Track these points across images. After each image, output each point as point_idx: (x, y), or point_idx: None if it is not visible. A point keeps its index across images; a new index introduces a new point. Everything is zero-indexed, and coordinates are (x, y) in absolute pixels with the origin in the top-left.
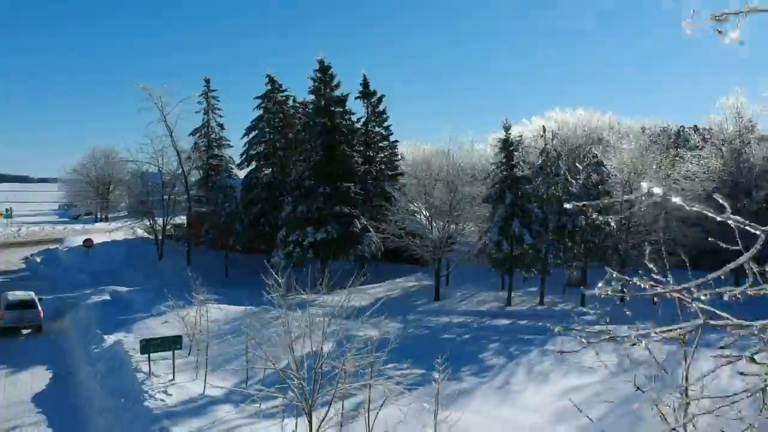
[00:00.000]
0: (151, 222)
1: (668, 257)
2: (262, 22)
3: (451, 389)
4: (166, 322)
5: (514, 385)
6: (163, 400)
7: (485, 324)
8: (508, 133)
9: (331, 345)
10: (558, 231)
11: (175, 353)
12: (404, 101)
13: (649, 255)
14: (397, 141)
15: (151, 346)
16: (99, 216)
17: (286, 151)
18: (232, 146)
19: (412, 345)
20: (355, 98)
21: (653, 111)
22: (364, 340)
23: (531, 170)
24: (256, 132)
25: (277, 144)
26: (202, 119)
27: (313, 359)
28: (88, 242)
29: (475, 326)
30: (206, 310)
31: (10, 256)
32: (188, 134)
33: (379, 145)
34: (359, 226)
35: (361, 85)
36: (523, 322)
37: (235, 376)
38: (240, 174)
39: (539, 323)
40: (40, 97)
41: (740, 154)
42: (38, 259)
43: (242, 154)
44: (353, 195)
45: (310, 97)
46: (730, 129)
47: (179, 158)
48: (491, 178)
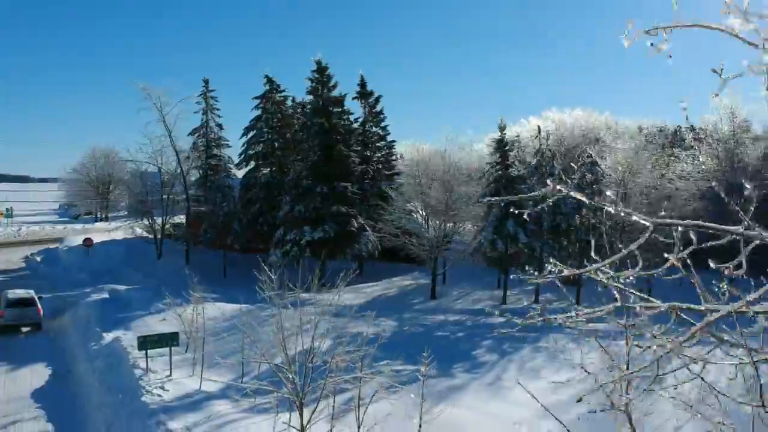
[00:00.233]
0: (151, 221)
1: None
2: (262, 22)
3: (444, 385)
4: (164, 320)
5: (506, 381)
6: (160, 396)
7: (480, 322)
8: (503, 133)
9: (324, 342)
10: (553, 230)
11: (173, 350)
12: (405, 101)
13: (643, 254)
14: (394, 141)
15: (148, 343)
16: (99, 215)
17: (284, 151)
18: (230, 146)
19: (406, 342)
20: (353, 99)
21: (652, 111)
22: (356, 336)
23: (526, 170)
24: (255, 132)
25: (276, 144)
26: (201, 119)
27: (305, 355)
28: (88, 242)
29: (470, 324)
30: (203, 308)
31: (11, 256)
32: (187, 134)
33: (377, 145)
34: (356, 225)
35: (358, 85)
36: (518, 320)
37: (231, 373)
38: (238, 174)
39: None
40: (40, 96)
41: (734, 153)
42: (38, 259)
43: (241, 154)
44: (350, 195)
45: (309, 98)
46: (725, 129)
47: (178, 158)
48: (486, 177)
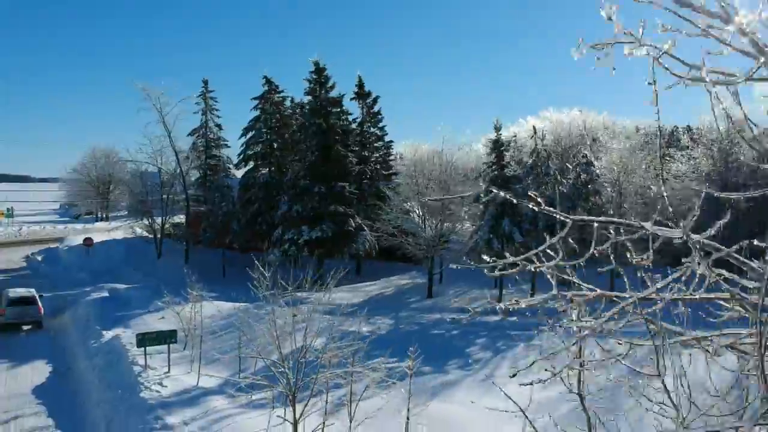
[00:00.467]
0: (150, 221)
1: (657, 256)
2: (262, 22)
3: (438, 381)
4: (163, 318)
5: (498, 378)
6: (158, 392)
7: (475, 320)
8: (499, 133)
9: (317, 339)
10: (548, 229)
11: (171, 348)
12: (405, 101)
13: (638, 253)
14: (392, 141)
15: (146, 340)
16: (99, 215)
17: (283, 152)
18: (229, 146)
19: (401, 340)
20: (351, 99)
21: (651, 111)
22: (350, 333)
23: (522, 170)
24: (254, 132)
25: (274, 144)
26: (201, 120)
27: (299, 352)
28: (88, 241)
29: (465, 322)
30: (201, 306)
31: (12, 255)
32: (187, 134)
33: (374, 145)
34: (354, 225)
35: (356, 86)
36: (513, 318)
37: (228, 369)
38: (237, 174)
39: (528, 320)
40: (40, 96)
41: (729, 154)
42: (39, 258)
43: (240, 154)
44: (348, 194)
45: (307, 98)
46: (721, 129)
47: (177, 158)
48: (483, 177)
